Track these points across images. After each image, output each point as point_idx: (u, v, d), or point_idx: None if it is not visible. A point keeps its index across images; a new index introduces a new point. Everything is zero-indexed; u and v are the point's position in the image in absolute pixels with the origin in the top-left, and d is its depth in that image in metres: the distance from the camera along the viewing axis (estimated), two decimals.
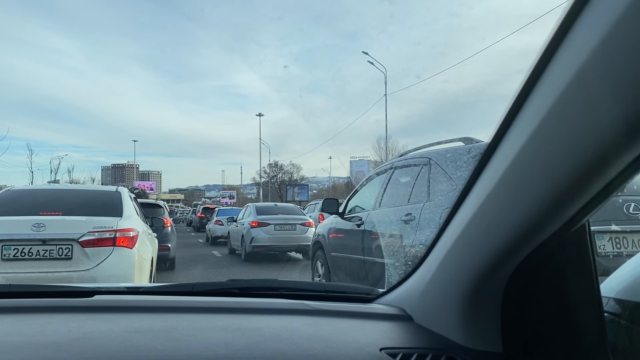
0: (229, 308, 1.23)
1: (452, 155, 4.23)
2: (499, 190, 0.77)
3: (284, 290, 1.40)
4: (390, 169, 5.21)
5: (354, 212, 5.70)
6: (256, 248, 12.01)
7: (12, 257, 4.51)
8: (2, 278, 4.34)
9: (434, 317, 1.07)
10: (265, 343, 0.99)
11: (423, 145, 4.88)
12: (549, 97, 0.63)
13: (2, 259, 4.48)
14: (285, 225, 12.18)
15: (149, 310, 1.17)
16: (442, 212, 3.98)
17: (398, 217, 4.49)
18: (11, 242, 4.53)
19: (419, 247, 4.03)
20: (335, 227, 6.08)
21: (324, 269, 6.33)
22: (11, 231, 4.55)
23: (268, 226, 12.05)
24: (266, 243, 11.96)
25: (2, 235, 4.51)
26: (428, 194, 4.22)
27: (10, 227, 4.58)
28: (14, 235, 4.54)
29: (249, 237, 12.12)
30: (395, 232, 4.51)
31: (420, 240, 4.07)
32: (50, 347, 0.92)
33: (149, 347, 0.93)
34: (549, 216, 0.72)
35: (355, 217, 5.55)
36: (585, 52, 0.57)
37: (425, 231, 4.06)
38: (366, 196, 5.58)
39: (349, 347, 0.99)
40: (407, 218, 4.34)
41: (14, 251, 4.52)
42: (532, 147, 0.68)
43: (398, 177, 4.96)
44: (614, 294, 1.03)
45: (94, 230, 4.73)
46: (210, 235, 19.48)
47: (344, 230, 5.79)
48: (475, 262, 0.89)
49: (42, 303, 1.19)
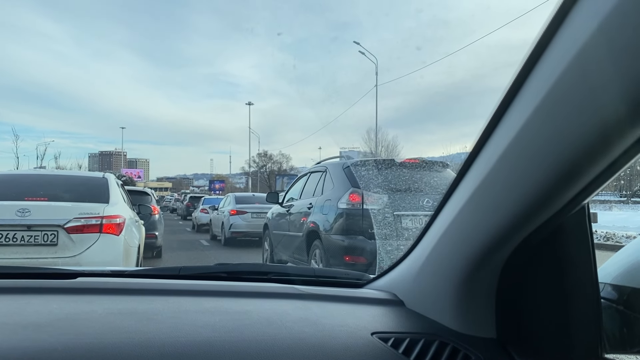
0: (216, 291, 1.20)
1: (334, 166, 6.47)
2: (495, 173, 0.76)
3: (273, 274, 1.38)
4: (308, 172, 7.46)
5: (288, 202, 7.66)
6: (234, 234, 13.25)
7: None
8: None
9: (427, 302, 1.05)
10: (253, 326, 0.96)
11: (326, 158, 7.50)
12: (549, 78, 0.62)
13: None
14: (262, 214, 12.60)
15: (133, 293, 1.14)
16: (324, 202, 6.12)
17: (306, 206, 6.69)
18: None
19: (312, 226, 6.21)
20: (276, 212, 8.15)
21: (269, 242, 8.37)
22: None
23: (246, 214, 13.19)
24: (244, 229, 13.09)
25: None
26: (321, 191, 6.41)
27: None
28: None
29: (228, 224, 13.38)
30: (304, 215, 6.67)
31: (312, 220, 6.27)
32: (29, 327, 0.88)
33: (132, 329, 0.90)
34: (545, 199, 0.71)
35: (287, 205, 7.58)
36: (578, 45, 0.56)
37: (315, 215, 6.23)
38: (295, 191, 7.60)
39: (339, 331, 0.97)
40: (309, 206, 6.56)
41: None
42: (529, 129, 0.67)
43: (311, 179, 7.07)
44: (611, 279, 1.02)
45: (80, 216, 4.66)
46: (196, 223, 20.55)
47: (280, 214, 7.85)
48: (469, 247, 0.88)
49: (23, 284, 1.15)
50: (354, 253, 5.49)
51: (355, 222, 5.53)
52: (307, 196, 6.85)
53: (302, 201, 6.97)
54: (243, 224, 13.06)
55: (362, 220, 5.50)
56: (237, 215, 13.25)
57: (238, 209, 13.33)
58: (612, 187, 33.89)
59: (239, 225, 13.14)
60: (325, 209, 6.01)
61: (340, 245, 5.60)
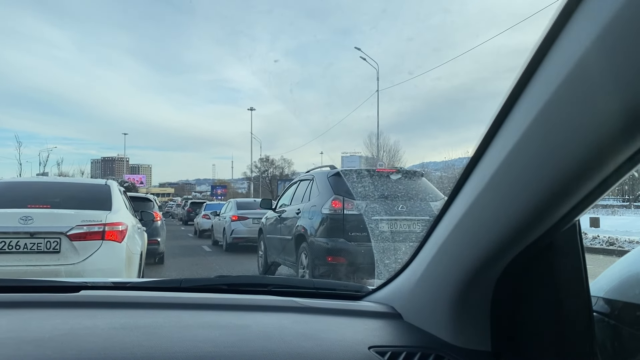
0: (216, 304, 1.21)
1: (320, 175, 7.05)
2: (490, 189, 0.77)
3: (273, 286, 1.39)
4: (298, 180, 8.16)
5: (280, 208, 8.18)
6: (236, 239, 13.39)
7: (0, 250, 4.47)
8: None
9: (423, 315, 1.06)
10: (253, 341, 0.98)
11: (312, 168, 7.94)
12: (541, 97, 0.62)
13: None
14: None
15: (135, 306, 1.16)
16: (310, 208, 6.72)
17: (295, 211, 7.29)
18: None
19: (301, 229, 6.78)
20: (269, 217, 8.73)
21: (263, 246, 8.85)
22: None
23: (247, 220, 13.35)
24: (244, 235, 13.16)
25: None
26: (308, 198, 7.01)
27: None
28: (1, 228, 4.48)
29: (229, 230, 13.57)
30: (293, 220, 7.25)
31: (300, 224, 6.88)
32: (33, 343, 0.89)
33: (134, 344, 0.91)
34: (539, 216, 0.72)
35: (280, 211, 8.12)
36: (579, 51, 0.56)
37: (303, 220, 6.84)
38: (287, 197, 8.20)
39: (337, 346, 0.99)
40: (297, 211, 7.17)
41: (1, 244, 4.46)
42: (523, 147, 0.67)
43: (300, 186, 7.69)
44: (603, 293, 1.03)
45: (82, 223, 4.68)
46: (198, 229, 20.85)
47: (273, 219, 8.40)
48: (465, 261, 0.89)
49: (26, 298, 1.16)
50: (335, 254, 6.11)
51: (336, 226, 6.16)
52: (296, 202, 7.49)
53: (292, 207, 7.60)
54: (244, 230, 13.24)
55: (343, 224, 6.12)
56: (238, 221, 13.46)
57: (239, 215, 13.55)
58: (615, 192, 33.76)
59: (240, 231, 13.33)
60: (311, 214, 6.67)
61: (324, 247, 6.20)
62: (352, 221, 6.10)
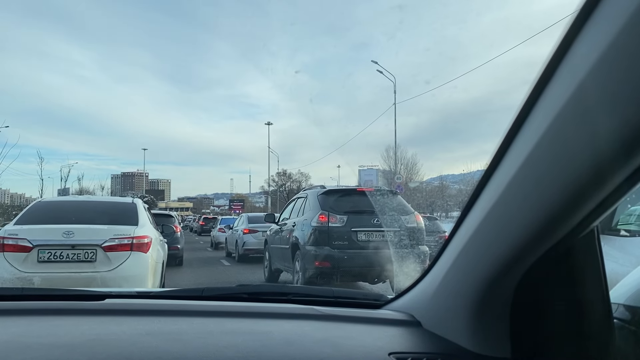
0: (238, 312, 1.23)
1: (312, 193, 8.38)
2: (508, 195, 0.76)
3: (293, 295, 1.42)
4: (296, 197, 9.46)
5: (282, 221, 9.41)
6: (247, 251, 14.36)
7: (47, 259, 5.37)
8: (38, 277, 5.20)
9: (443, 322, 1.06)
10: (275, 347, 0.99)
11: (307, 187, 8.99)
12: (557, 102, 0.62)
13: (38, 261, 5.34)
14: None
15: (159, 314, 1.18)
16: (303, 221, 7.98)
17: (292, 224, 8.51)
18: (46, 246, 5.39)
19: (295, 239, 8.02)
20: (273, 230, 9.98)
21: (268, 255, 10.11)
22: (46, 237, 5.43)
23: (257, 232, 14.04)
24: (255, 247, 13.80)
25: (39, 240, 5.39)
26: (302, 213, 8.29)
27: (45, 234, 5.46)
28: (49, 241, 5.41)
29: (241, 242, 14.62)
30: (290, 232, 8.44)
31: (295, 235, 8.10)
32: (63, 348, 0.92)
33: (159, 350, 0.94)
34: (557, 221, 0.72)
35: (281, 224, 9.37)
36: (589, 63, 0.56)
37: (297, 232, 8.07)
38: (287, 212, 9.44)
39: (357, 352, 1.00)
40: (293, 224, 8.42)
41: (48, 254, 5.38)
42: (538, 156, 0.68)
43: (298, 202, 8.98)
44: (624, 300, 1.01)
45: (114, 237, 5.56)
46: (214, 242, 22.38)
47: (275, 231, 9.65)
48: (484, 268, 0.88)
49: (55, 306, 1.21)
50: (321, 259, 7.35)
51: (322, 236, 7.47)
52: (294, 216, 8.80)
53: (290, 220, 8.88)
54: (255, 242, 13.92)
55: (328, 235, 7.45)
56: (249, 233, 14.38)
57: (250, 228, 14.48)
58: None
59: (251, 243, 14.15)
60: (303, 227, 7.98)
61: (312, 254, 7.45)
62: (336, 232, 7.44)
